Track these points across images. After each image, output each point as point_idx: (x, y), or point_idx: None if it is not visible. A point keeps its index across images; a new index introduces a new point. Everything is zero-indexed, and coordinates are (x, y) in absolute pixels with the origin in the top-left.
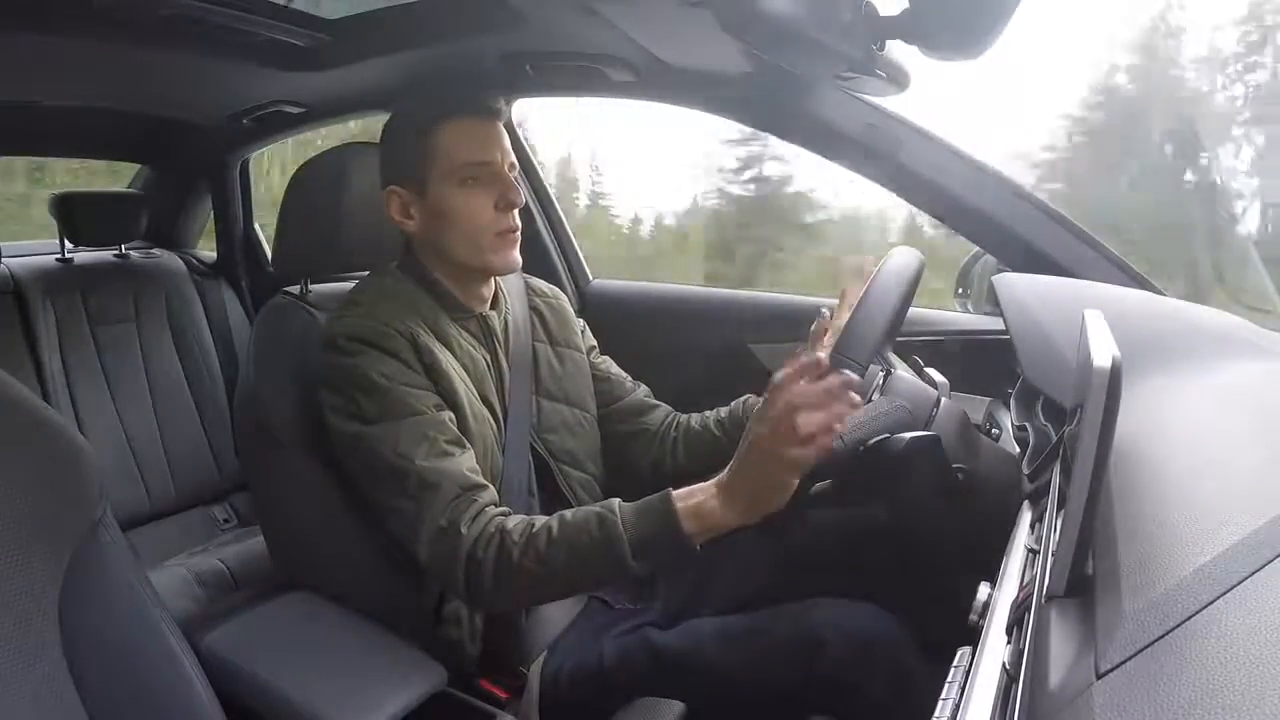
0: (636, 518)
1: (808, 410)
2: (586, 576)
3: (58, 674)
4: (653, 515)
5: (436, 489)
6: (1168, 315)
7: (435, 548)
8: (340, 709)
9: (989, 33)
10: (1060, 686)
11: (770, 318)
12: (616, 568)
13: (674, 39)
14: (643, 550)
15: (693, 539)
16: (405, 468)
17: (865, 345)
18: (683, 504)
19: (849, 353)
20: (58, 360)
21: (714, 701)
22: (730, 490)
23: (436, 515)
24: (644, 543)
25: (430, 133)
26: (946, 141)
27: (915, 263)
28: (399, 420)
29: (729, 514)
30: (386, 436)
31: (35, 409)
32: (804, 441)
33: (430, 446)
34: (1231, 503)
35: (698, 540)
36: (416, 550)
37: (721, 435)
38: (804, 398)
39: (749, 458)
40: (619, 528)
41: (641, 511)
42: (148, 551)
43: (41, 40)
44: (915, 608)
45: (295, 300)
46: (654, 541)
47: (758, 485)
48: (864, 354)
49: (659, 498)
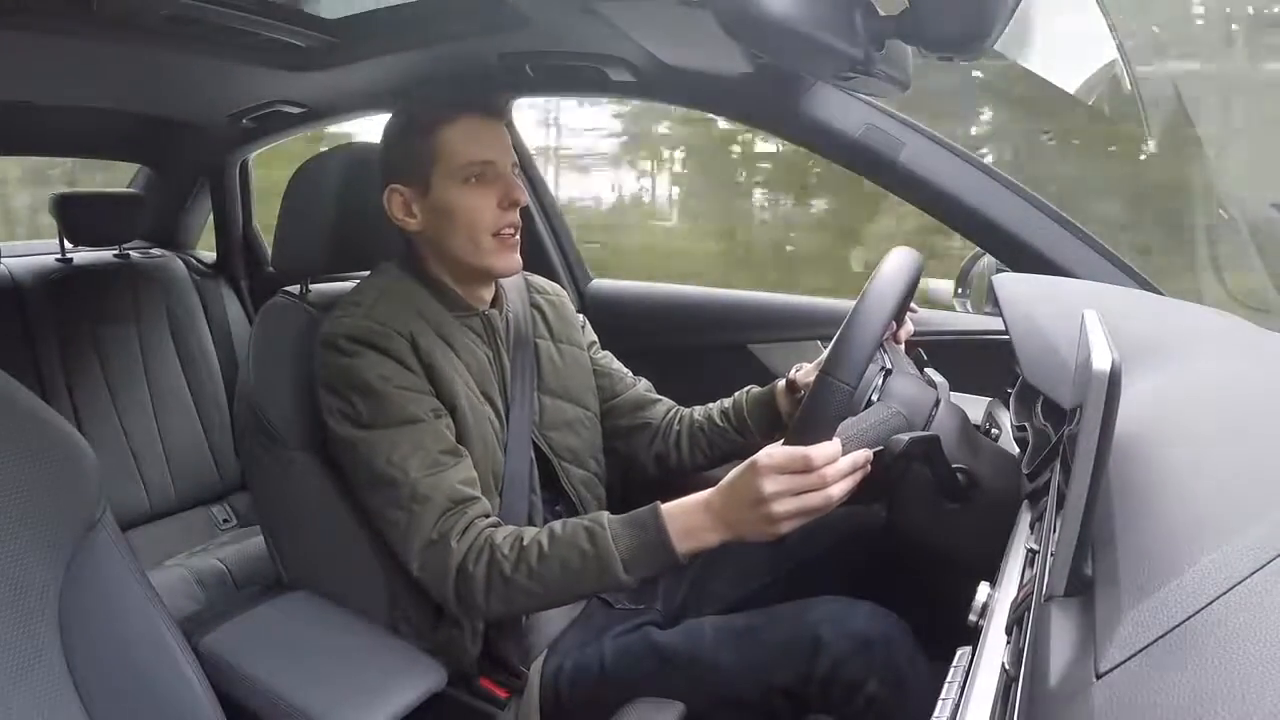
0: (627, 532)
1: (781, 499)
2: (578, 589)
3: (57, 674)
4: (642, 530)
5: (428, 502)
6: (1167, 315)
7: (425, 560)
8: (340, 709)
9: (988, 32)
10: (1060, 686)
11: (770, 318)
12: (609, 582)
13: (674, 39)
14: (634, 564)
15: (683, 556)
16: (398, 479)
17: (853, 365)
18: (673, 523)
19: (837, 373)
20: (57, 360)
21: (714, 701)
22: (717, 516)
23: (427, 528)
24: (636, 557)
25: (434, 131)
26: (946, 141)
27: (912, 265)
28: (395, 428)
29: (714, 536)
30: (381, 444)
31: (35, 409)
32: (775, 523)
33: (424, 457)
34: (1231, 502)
35: (687, 556)
36: (408, 561)
37: (725, 426)
38: (780, 485)
39: (731, 500)
40: (610, 543)
41: (631, 526)
42: (148, 551)
43: (41, 40)
44: (915, 607)
45: (295, 300)
46: (645, 556)
47: (740, 526)
48: (852, 375)
49: (650, 514)
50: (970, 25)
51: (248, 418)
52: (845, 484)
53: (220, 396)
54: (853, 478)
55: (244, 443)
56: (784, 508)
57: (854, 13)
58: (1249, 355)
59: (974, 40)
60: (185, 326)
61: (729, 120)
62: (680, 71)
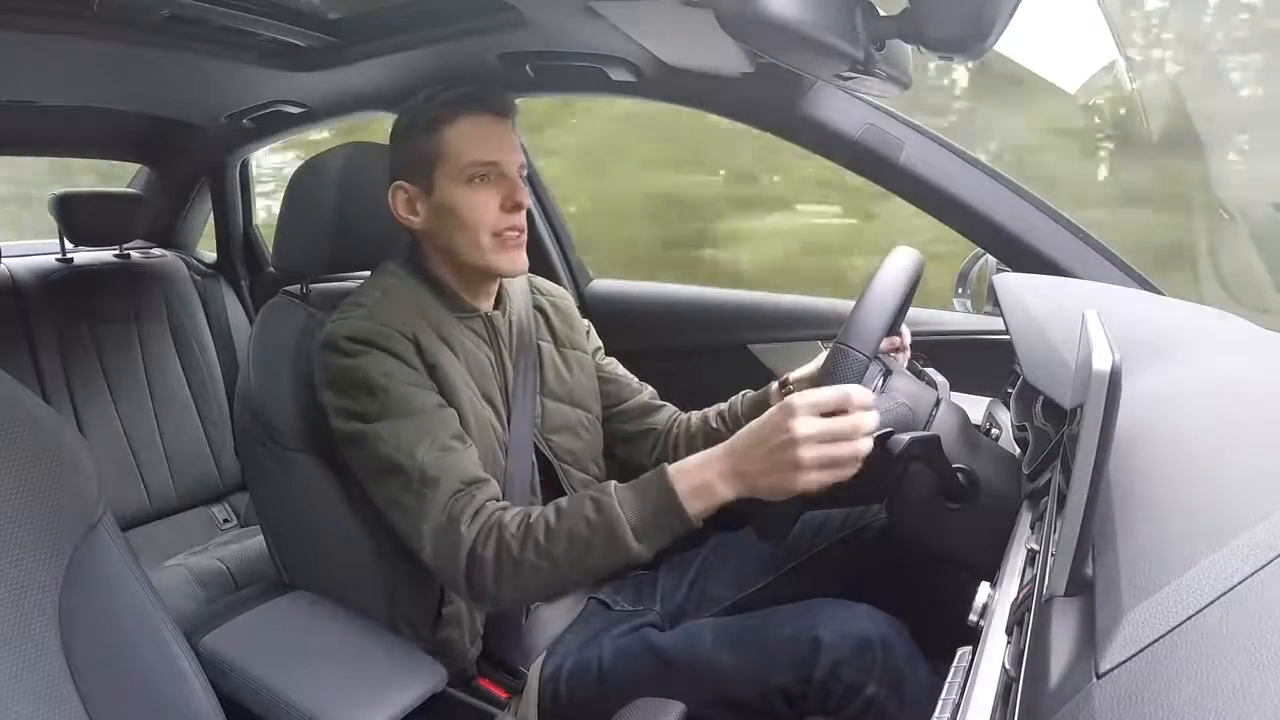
0: (635, 498)
1: (810, 445)
2: (590, 564)
3: (57, 674)
4: (652, 495)
5: (437, 484)
6: (1167, 315)
7: (437, 545)
8: (340, 709)
9: (989, 32)
10: (1060, 686)
11: (770, 318)
12: (619, 552)
13: (674, 39)
14: (645, 531)
15: (695, 517)
16: (406, 464)
17: (869, 335)
18: (683, 482)
19: (852, 342)
20: (57, 360)
21: (714, 702)
22: (733, 466)
23: (437, 511)
24: (645, 523)
25: (441, 129)
26: (946, 141)
27: (916, 263)
28: (401, 418)
29: (728, 490)
30: (388, 433)
31: (34, 409)
32: (798, 471)
33: (432, 442)
34: (1231, 503)
35: (700, 517)
36: (420, 548)
37: (720, 428)
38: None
39: (753, 445)
40: (617, 510)
41: (639, 491)
42: (148, 551)
43: (41, 40)
44: (915, 608)
45: (295, 300)
46: (656, 521)
47: (758, 476)
48: (868, 345)
49: (656, 475)
50: (970, 25)
51: (248, 418)
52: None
53: (220, 396)
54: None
55: (244, 443)
56: (811, 453)
57: (854, 13)
58: (1249, 355)
59: (974, 40)
60: (185, 327)
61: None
62: (680, 71)
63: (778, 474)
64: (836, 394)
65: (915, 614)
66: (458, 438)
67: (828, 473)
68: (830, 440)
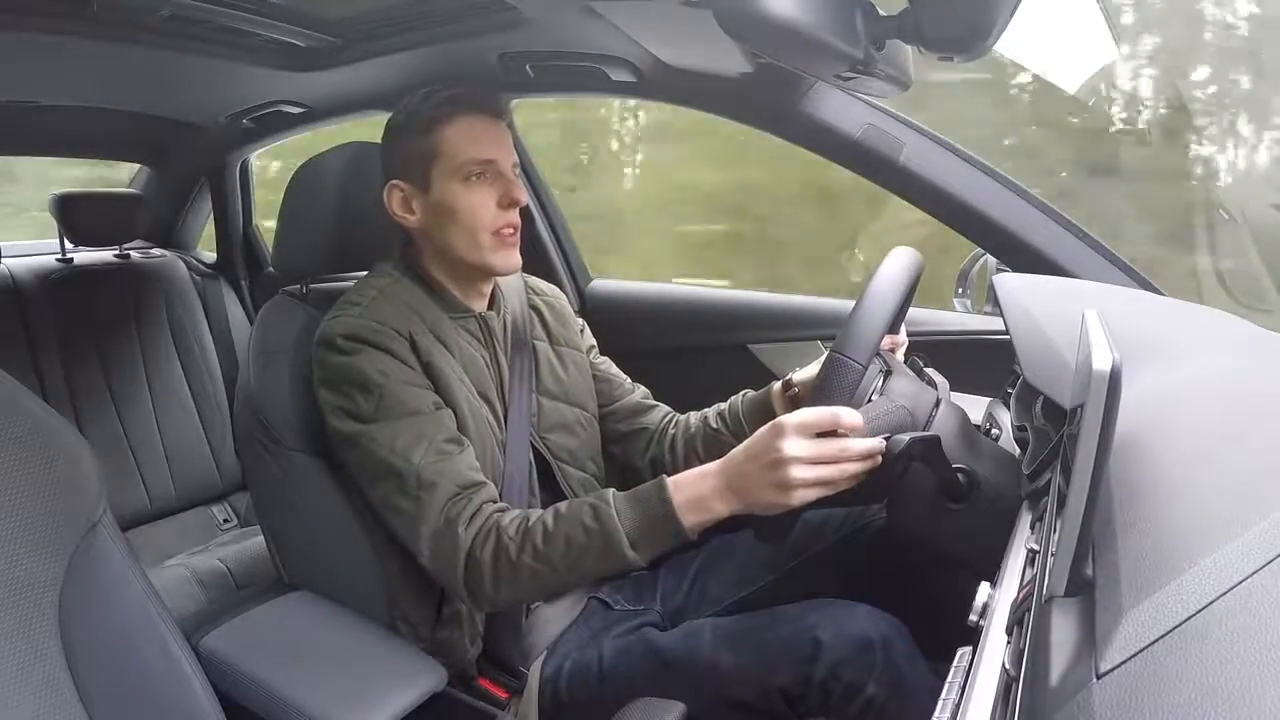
0: (633, 508)
1: (800, 465)
2: (586, 569)
3: (57, 674)
4: (649, 506)
5: (434, 488)
6: (1167, 315)
7: (435, 547)
8: (340, 709)
9: (989, 32)
10: (1060, 686)
11: (770, 318)
12: (615, 559)
13: (674, 39)
14: (641, 541)
15: (691, 529)
16: (403, 467)
17: (865, 343)
18: (680, 495)
19: (847, 350)
20: (57, 360)
21: (714, 701)
22: (728, 483)
23: (435, 515)
24: (642, 533)
25: (436, 129)
26: (946, 141)
27: (915, 263)
28: (397, 419)
29: (723, 505)
30: (384, 435)
31: (34, 409)
32: (789, 490)
33: (428, 445)
34: (1231, 502)
35: (695, 530)
36: (418, 551)
37: (721, 429)
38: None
39: (746, 464)
40: (615, 520)
41: (637, 502)
42: (148, 551)
43: (41, 40)
44: (915, 608)
45: (295, 300)
46: (652, 532)
47: (751, 494)
48: (863, 353)
49: (655, 486)
50: (970, 25)
51: (248, 418)
52: (860, 465)
53: (220, 396)
54: (868, 462)
55: (244, 443)
56: (801, 474)
57: (854, 13)
58: (1249, 355)
59: (974, 40)
60: (185, 327)
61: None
62: (680, 71)
63: (770, 491)
64: (825, 415)
65: (915, 614)
66: (454, 440)
67: (818, 490)
68: (821, 462)
